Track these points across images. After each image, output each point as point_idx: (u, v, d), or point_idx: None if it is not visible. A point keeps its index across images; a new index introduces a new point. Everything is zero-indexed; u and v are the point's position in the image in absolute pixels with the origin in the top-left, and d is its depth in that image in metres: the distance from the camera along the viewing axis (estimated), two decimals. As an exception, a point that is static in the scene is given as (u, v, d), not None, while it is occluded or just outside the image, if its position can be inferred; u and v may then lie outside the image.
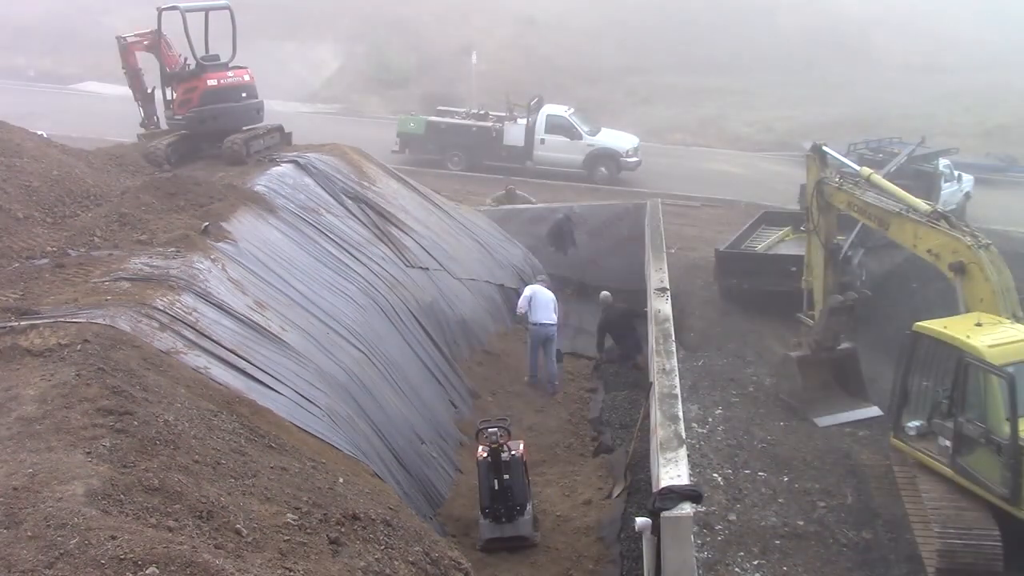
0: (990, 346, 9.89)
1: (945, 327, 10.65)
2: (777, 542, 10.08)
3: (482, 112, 25.45)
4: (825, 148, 13.91)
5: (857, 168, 13.73)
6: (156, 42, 14.69)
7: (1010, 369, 9.56)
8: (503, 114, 24.85)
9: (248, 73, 15.05)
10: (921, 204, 12.28)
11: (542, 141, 24.27)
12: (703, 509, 10.01)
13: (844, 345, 13.78)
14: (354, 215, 13.63)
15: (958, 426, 10.13)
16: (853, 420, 13.20)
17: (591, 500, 10.43)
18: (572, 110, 25.01)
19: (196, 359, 8.09)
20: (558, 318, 13.81)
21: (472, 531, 9.86)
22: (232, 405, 7.62)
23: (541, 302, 13.67)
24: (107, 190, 11.96)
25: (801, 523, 10.40)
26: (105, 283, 8.62)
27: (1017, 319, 10.64)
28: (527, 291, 13.98)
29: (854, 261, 15.55)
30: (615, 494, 10.33)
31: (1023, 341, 10.02)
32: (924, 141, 21.16)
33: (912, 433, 10.81)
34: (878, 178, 13.26)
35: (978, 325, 10.42)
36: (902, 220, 12.16)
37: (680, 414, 9.36)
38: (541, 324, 13.52)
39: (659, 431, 8.95)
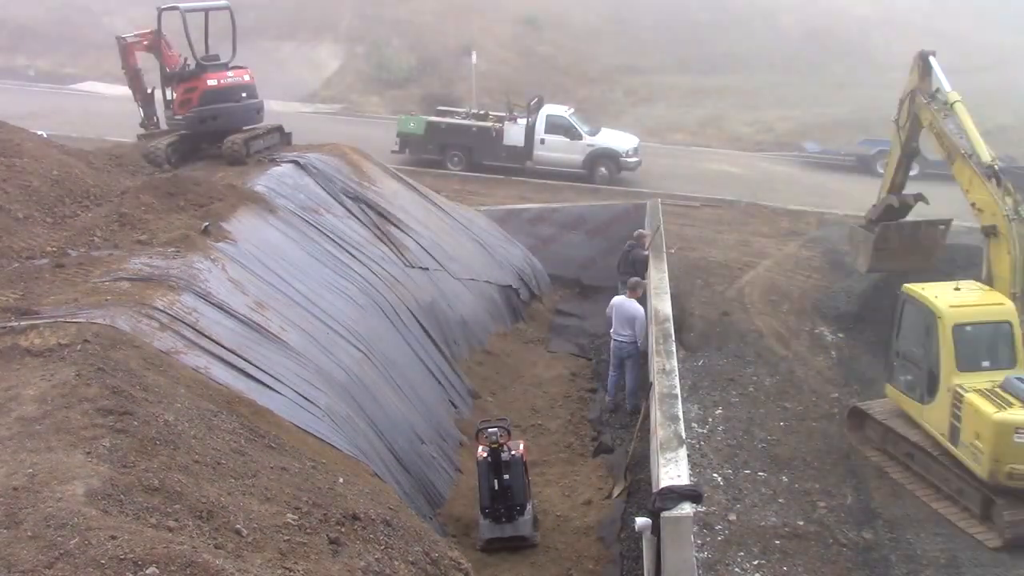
0: (951, 306, 11.02)
1: (924, 289, 11.59)
2: (777, 542, 10.08)
3: (482, 112, 25.45)
4: (932, 59, 13.87)
5: (948, 90, 13.49)
6: (156, 42, 14.70)
7: (968, 329, 10.87)
8: (503, 114, 24.85)
9: (248, 73, 15.05)
10: (984, 153, 12.39)
11: (542, 141, 24.25)
12: (703, 509, 10.00)
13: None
14: (354, 215, 13.63)
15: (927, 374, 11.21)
16: None
17: (591, 500, 10.43)
18: (572, 110, 25.01)
19: (196, 359, 8.09)
20: (639, 333, 12.25)
21: (472, 531, 9.86)
22: (232, 405, 7.62)
23: (618, 314, 12.42)
24: (107, 190, 11.96)
25: (801, 523, 10.39)
26: (105, 283, 8.62)
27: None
28: (613, 301, 12.77)
29: None
30: (615, 494, 10.33)
31: (991, 307, 11.07)
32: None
33: (897, 385, 11.87)
34: (962, 108, 13.14)
35: (956, 290, 11.42)
36: (964, 163, 12.50)
37: (680, 414, 9.36)
38: (615, 340, 12.45)
39: (659, 431, 8.95)
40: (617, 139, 24.54)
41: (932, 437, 11.09)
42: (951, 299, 11.11)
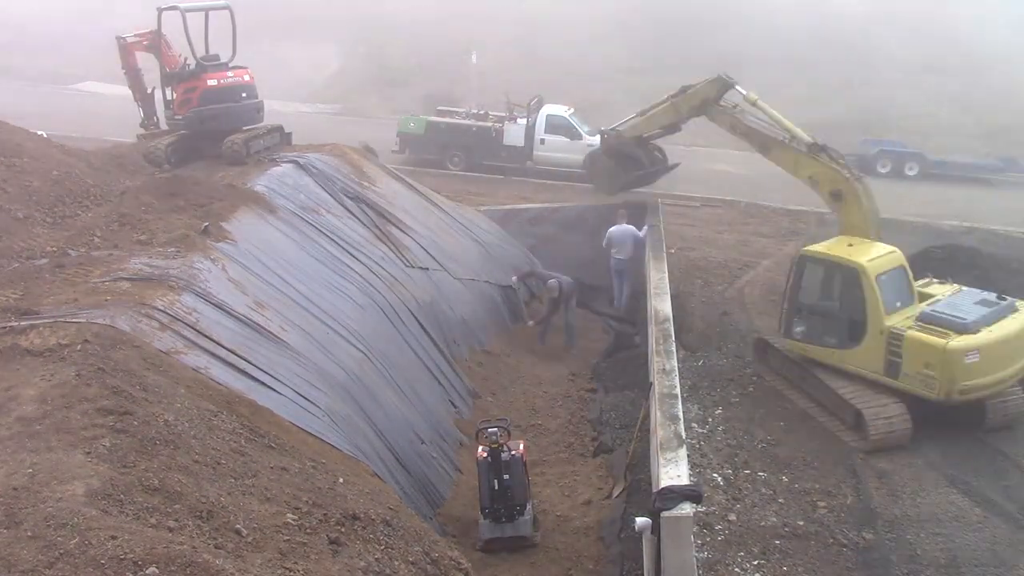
0: (869, 260, 12.26)
1: (829, 249, 12.91)
2: (777, 542, 10.07)
3: (482, 112, 25.43)
4: (736, 85, 14.94)
5: (745, 93, 14.72)
6: (156, 42, 14.66)
7: (883, 278, 12.19)
8: (503, 114, 24.83)
9: (248, 73, 15.03)
10: (803, 135, 13.79)
11: (542, 141, 24.25)
12: (703, 509, 9.99)
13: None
14: (354, 215, 13.63)
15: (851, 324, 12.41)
16: None
17: (591, 500, 10.43)
18: (572, 110, 24.99)
19: (196, 359, 8.09)
20: (634, 252, 16.01)
21: (472, 531, 9.86)
22: (232, 405, 7.62)
23: (617, 239, 16.12)
24: (107, 190, 11.98)
25: (801, 523, 10.38)
26: (105, 283, 8.62)
27: (878, 239, 13.03)
28: (610, 230, 16.26)
29: None
30: (615, 494, 10.33)
31: (888, 255, 12.50)
32: None
33: (798, 337, 13.04)
34: (765, 105, 14.48)
35: (850, 246, 12.74)
36: (784, 148, 13.88)
37: (680, 414, 9.36)
38: (616, 259, 16.12)
39: (659, 431, 8.95)
40: (617, 139, 24.51)
41: (857, 374, 12.40)
42: (863, 255, 12.41)
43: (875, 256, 12.41)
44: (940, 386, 11.54)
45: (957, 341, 11.46)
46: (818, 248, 13.06)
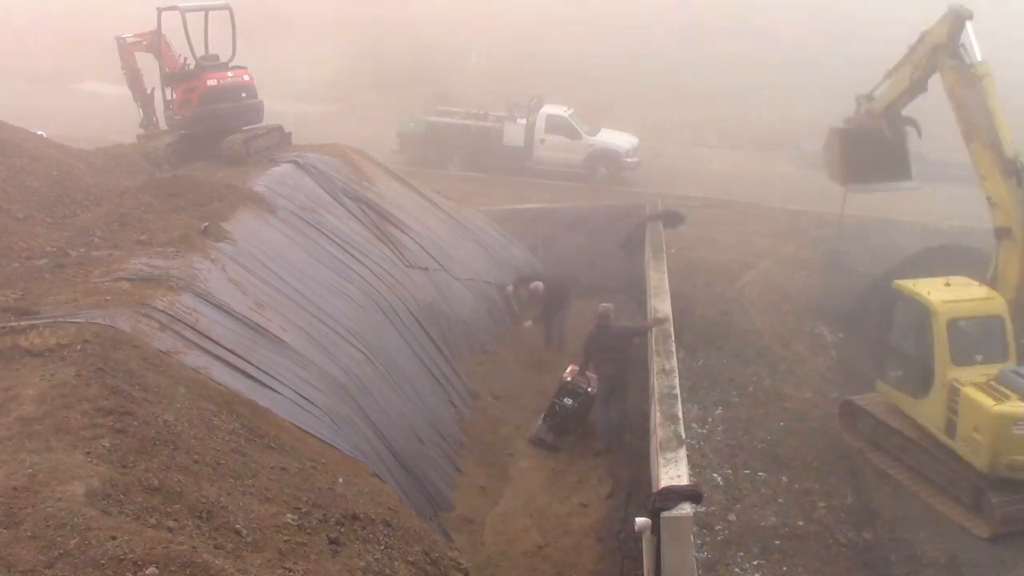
0: (945, 301, 11.06)
1: (916, 284, 11.68)
2: (777, 542, 10.08)
3: (482, 112, 25.42)
4: (968, 23, 12.53)
5: (979, 59, 12.38)
6: (156, 42, 14.67)
7: (962, 323, 10.95)
8: (503, 114, 24.83)
9: (248, 73, 15.03)
10: (1008, 145, 11.68)
11: (542, 141, 24.24)
12: (703, 509, 10.00)
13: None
14: (354, 215, 13.63)
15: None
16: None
17: (590, 500, 10.43)
18: (572, 110, 24.98)
19: (196, 359, 8.09)
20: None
21: (476, 528, 9.86)
22: (232, 405, 7.62)
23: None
24: (107, 190, 11.97)
25: (801, 523, 10.40)
26: (105, 283, 8.62)
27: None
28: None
29: None
30: (614, 494, 10.34)
31: (981, 301, 11.13)
32: None
33: (892, 382, 11.90)
34: (990, 85, 12.26)
35: (947, 285, 11.47)
36: (984, 151, 11.88)
37: (680, 414, 9.37)
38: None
39: (659, 431, 8.96)
40: (617, 139, 24.53)
41: (925, 430, 11.24)
42: (944, 294, 11.18)
43: (958, 299, 11.05)
44: (984, 455, 10.20)
45: (1007, 406, 10.07)
46: (907, 282, 11.74)
